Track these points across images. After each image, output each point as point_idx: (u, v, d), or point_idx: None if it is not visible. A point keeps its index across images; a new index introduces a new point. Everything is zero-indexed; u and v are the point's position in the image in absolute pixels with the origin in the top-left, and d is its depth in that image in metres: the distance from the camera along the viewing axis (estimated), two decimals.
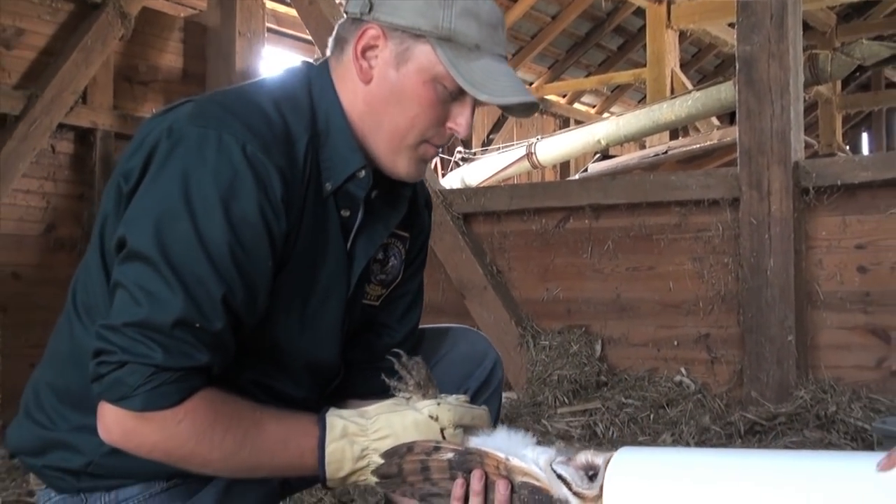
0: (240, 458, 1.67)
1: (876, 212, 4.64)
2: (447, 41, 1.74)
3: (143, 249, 1.59)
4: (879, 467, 1.42)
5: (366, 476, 1.70)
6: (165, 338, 1.56)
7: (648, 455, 1.65)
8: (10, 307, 5.81)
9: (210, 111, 1.70)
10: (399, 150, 1.82)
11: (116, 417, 1.59)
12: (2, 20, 5.87)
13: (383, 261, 1.99)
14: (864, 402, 4.34)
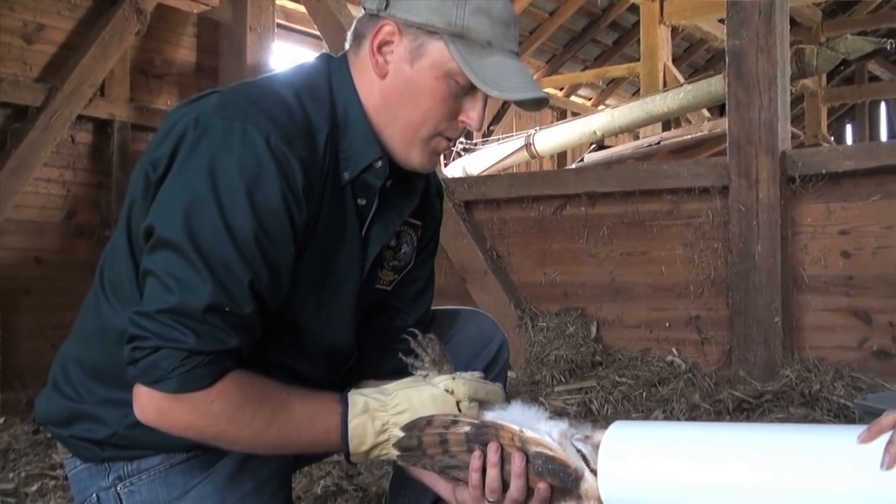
0: (268, 435, 1.68)
1: (859, 199, 4.64)
2: (460, 38, 1.73)
3: (172, 238, 1.60)
4: (860, 439, 1.44)
5: (387, 450, 1.71)
6: (197, 323, 1.58)
7: (640, 427, 1.67)
8: (32, 290, 5.84)
9: (235, 103, 1.70)
10: (413, 143, 1.81)
11: (152, 399, 1.61)
12: (23, 16, 5.88)
13: (396, 248, 1.98)
14: (847, 381, 4.35)
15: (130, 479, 1.80)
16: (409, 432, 1.68)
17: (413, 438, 1.67)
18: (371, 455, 1.73)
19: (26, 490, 3.39)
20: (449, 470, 1.69)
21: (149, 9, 6.41)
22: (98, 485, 1.83)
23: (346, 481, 3.36)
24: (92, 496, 1.84)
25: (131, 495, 1.80)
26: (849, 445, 1.43)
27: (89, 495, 1.84)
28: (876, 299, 4.59)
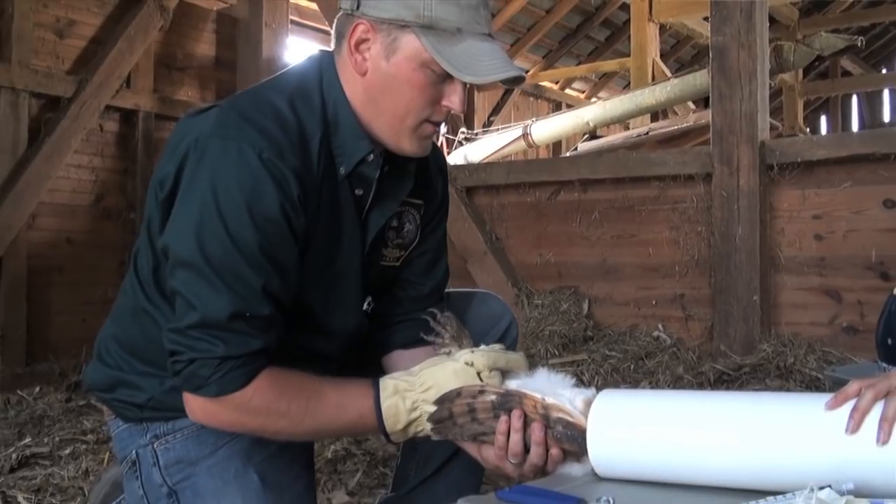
0: (306, 423, 1.72)
1: (831, 186, 4.64)
2: (430, 28, 1.69)
3: (187, 258, 1.64)
4: (828, 406, 1.46)
5: (422, 426, 1.73)
6: (223, 332, 1.63)
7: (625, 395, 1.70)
8: (64, 268, 5.87)
9: (230, 121, 1.70)
10: (401, 132, 1.79)
11: (198, 404, 1.68)
12: (56, 12, 5.90)
13: (398, 227, 1.98)
14: (818, 355, 4.37)
15: (166, 438, 1.85)
16: (440, 405, 1.70)
17: (444, 410, 1.69)
18: (408, 432, 1.75)
19: (60, 453, 3.42)
20: (478, 437, 1.71)
21: (171, 6, 6.42)
22: (137, 443, 1.87)
23: (354, 446, 3.38)
24: (132, 453, 1.88)
25: (166, 452, 1.84)
26: (818, 412, 1.45)
27: (129, 452, 1.89)
28: (845, 279, 4.60)
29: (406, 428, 1.73)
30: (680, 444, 1.51)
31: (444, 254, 2.16)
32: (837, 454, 1.40)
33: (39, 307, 5.68)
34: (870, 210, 4.55)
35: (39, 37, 5.79)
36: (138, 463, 1.87)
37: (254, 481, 1.81)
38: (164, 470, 1.84)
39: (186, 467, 1.83)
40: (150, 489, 1.85)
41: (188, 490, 1.82)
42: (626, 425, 1.57)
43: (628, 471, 1.56)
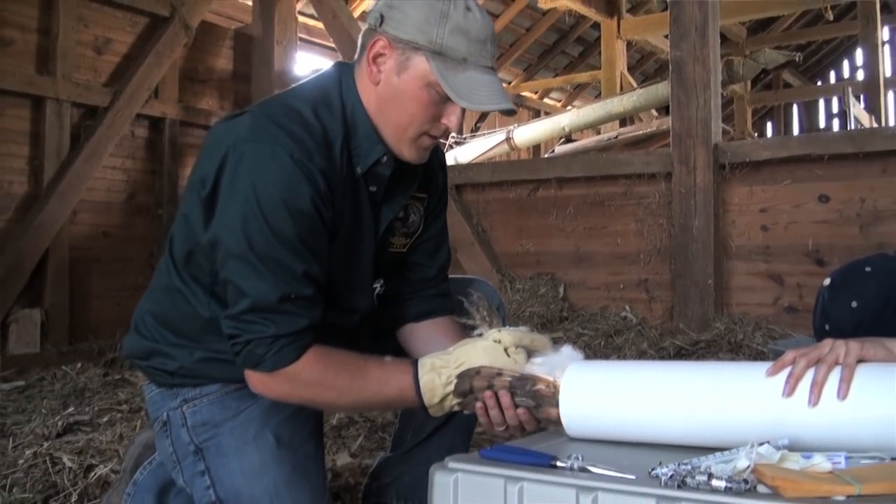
0: (351, 395, 1.75)
1: (775, 183, 4.67)
2: (439, 55, 1.70)
3: (235, 250, 1.67)
4: (768, 373, 1.48)
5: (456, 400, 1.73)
6: (274, 314, 1.66)
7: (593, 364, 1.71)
8: (101, 259, 5.87)
9: (262, 127, 1.71)
10: (402, 140, 1.80)
11: (256, 378, 1.72)
12: (95, 32, 5.90)
13: (404, 218, 1.98)
14: (764, 331, 4.40)
15: (193, 402, 1.86)
16: (461, 379, 1.69)
17: (466, 384, 1.68)
18: (445, 406, 1.74)
19: (99, 420, 3.42)
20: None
21: (194, 25, 6.40)
22: (168, 406, 1.89)
23: (356, 414, 3.41)
24: (163, 414, 1.90)
25: (194, 414, 1.86)
26: (759, 378, 1.47)
27: (161, 414, 1.91)
28: (787, 265, 4.63)
29: (442, 401, 1.73)
30: (640, 408, 1.53)
31: (446, 239, 2.15)
32: (775, 415, 1.41)
33: (80, 293, 5.69)
34: (807, 204, 4.58)
35: (80, 53, 5.79)
36: (169, 423, 1.89)
37: (270, 441, 1.82)
38: (192, 430, 1.86)
39: (211, 428, 1.85)
40: (179, 447, 1.87)
41: (212, 448, 1.84)
42: (591, 392, 1.58)
43: (595, 431, 1.58)
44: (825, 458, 1.29)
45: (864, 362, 1.45)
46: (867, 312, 1.86)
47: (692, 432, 1.48)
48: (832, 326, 1.90)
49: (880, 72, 9.74)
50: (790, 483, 1.16)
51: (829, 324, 1.92)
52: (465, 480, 1.37)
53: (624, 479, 1.27)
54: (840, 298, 1.92)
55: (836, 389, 1.40)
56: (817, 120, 17.35)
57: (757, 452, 1.28)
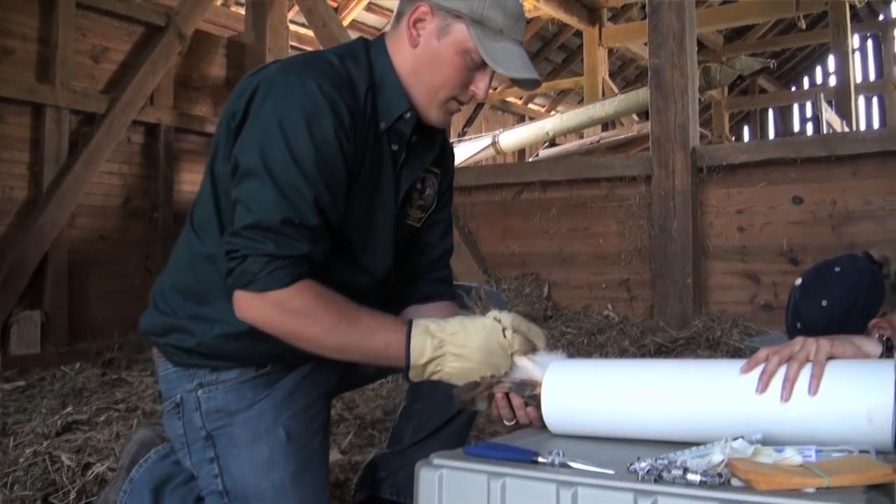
0: (336, 335, 1.69)
1: (750, 185, 4.69)
2: (479, 24, 1.76)
3: (251, 167, 1.65)
4: (741, 371, 1.49)
5: (441, 366, 1.70)
6: (274, 234, 1.62)
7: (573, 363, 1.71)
8: (99, 262, 5.84)
9: (293, 64, 1.74)
10: (432, 102, 1.83)
11: (245, 299, 1.66)
12: (93, 41, 5.89)
13: (421, 190, 1.99)
14: (741, 328, 4.41)
15: (209, 388, 1.83)
16: (462, 389, 1.68)
17: (466, 394, 1.67)
18: (427, 370, 1.71)
19: (96, 420, 3.41)
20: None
21: (189, 34, 6.37)
22: (183, 387, 1.85)
23: (347, 412, 3.39)
24: (177, 396, 1.87)
25: (209, 400, 1.83)
26: (733, 375, 1.48)
27: (174, 394, 1.87)
28: (763, 264, 4.65)
29: (426, 366, 1.70)
30: (619, 405, 1.53)
31: (452, 230, 2.16)
32: (749, 410, 1.42)
33: (79, 295, 5.65)
34: (782, 206, 4.60)
35: (78, 61, 5.77)
36: (182, 406, 1.86)
37: (280, 437, 1.81)
38: (205, 416, 1.83)
39: (225, 417, 1.82)
40: (190, 430, 1.85)
41: (224, 437, 1.82)
42: (572, 390, 1.59)
43: (576, 428, 1.58)
44: (796, 452, 1.30)
45: (834, 359, 1.46)
46: (836, 311, 1.88)
47: (670, 428, 1.49)
48: (803, 324, 1.91)
49: (851, 78, 9.79)
50: (762, 476, 1.17)
51: (800, 322, 1.94)
52: (449, 476, 1.37)
53: (603, 473, 1.27)
54: (811, 298, 1.94)
55: (807, 385, 1.41)
56: (792, 124, 17.43)
57: (731, 447, 1.29)
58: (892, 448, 1.37)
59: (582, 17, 10.32)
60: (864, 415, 1.36)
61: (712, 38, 12.27)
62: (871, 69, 15.95)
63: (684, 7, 4.85)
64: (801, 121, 17.36)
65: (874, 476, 1.20)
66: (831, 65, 11.22)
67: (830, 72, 13.56)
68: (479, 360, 1.68)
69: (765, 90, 15.59)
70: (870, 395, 1.37)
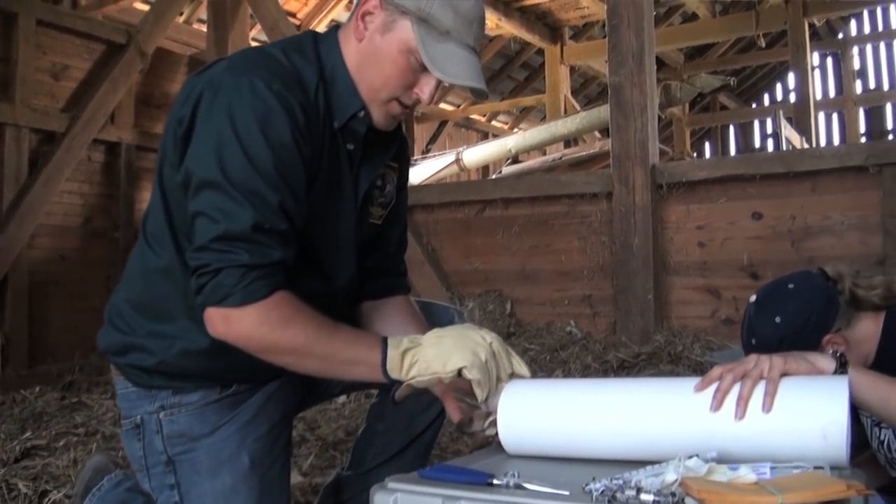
0: (318, 346, 1.63)
1: (710, 202, 4.72)
2: (424, 22, 1.66)
3: (209, 177, 1.58)
4: (696, 389, 1.49)
5: (417, 355, 1.62)
6: (247, 243, 1.56)
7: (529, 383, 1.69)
8: (59, 282, 5.78)
9: (239, 64, 1.67)
10: (373, 102, 1.75)
11: (221, 315, 1.59)
12: (52, 58, 5.84)
13: (381, 187, 1.93)
14: (702, 343, 4.42)
15: (171, 410, 1.78)
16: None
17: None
18: (405, 362, 1.62)
19: (55, 445, 3.36)
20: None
21: (150, 52, 6.33)
22: (144, 408, 1.79)
23: (308, 433, 3.36)
24: (137, 416, 1.81)
25: (171, 423, 1.77)
26: (688, 394, 1.48)
27: (134, 415, 1.81)
28: (723, 279, 4.68)
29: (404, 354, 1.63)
30: (575, 425, 1.53)
31: (407, 223, 2.12)
32: (704, 428, 1.43)
33: (38, 316, 5.58)
34: (741, 221, 4.64)
35: (38, 79, 5.72)
36: (143, 427, 1.80)
37: (244, 463, 1.77)
38: (167, 440, 1.78)
39: (188, 442, 1.77)
40: (151, 453, 1.79)
41: (186, 463, 1.77)
42: (528, 410, 1.58)
43: (533, 448, 1.58)
44: (751, 470, 1.29)
45: (787, 376, 1.46)
46: (789, 328, 1.89)
47: (626, 447, 1.49)
48: (758, 341, 1.92)
49: (810, 95, 9.93)
50: (715, 495, 1.17)
51: (755, 338, 1.94)
52: (403, 500, 1.35)
53: (558, 495, 1.27)
54: (765, 314, 1.94)
55: (761, 403, 1.41)
56: (752, 140, 17.63)
57: (685, 466, 1.29)
58: (846, 464, 1.37)
59: (544, 35, 10.39)
60: (819, 431, 1.37)
61: (673, 57, 12.41)
62: (830, 86, 16.20)
63: (643, 26, 4.89)
64: (761, 137, 17.56)
65: (828, 493, 1.20)
66: (791, 82, 11.34)
67: (790, 89, 13.73)
68: (455, 343, 1.62)
69: (725, 107, 15.77)
70: (824, 412, 1.38)
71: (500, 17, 9.49)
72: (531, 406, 1.59)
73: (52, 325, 5.66)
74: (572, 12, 10.07)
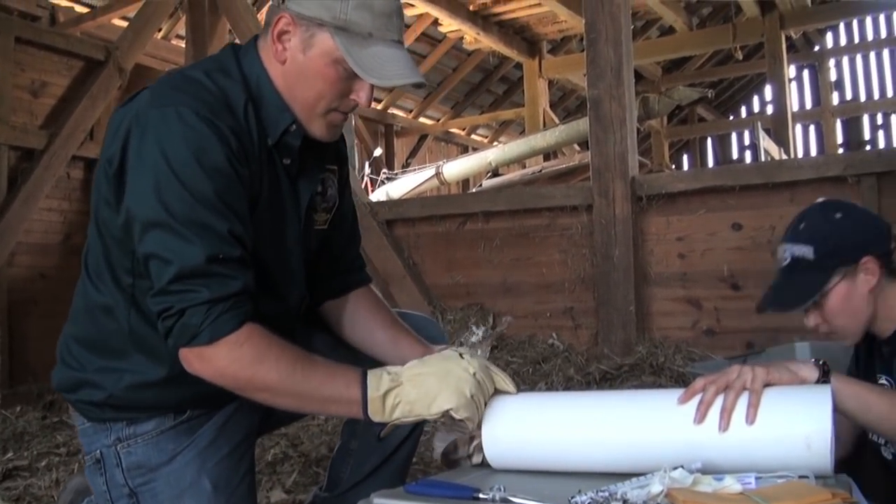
0: (293, 381, 1.59)
1: (689, 213, 4.72)
2: (343, 30, 1.62)
3: (153, 218, 1.54)
4: (679, 401, 1.50)
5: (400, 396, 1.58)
6: (204, 277, 1.53)
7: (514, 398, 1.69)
8: (39, 301, 5.73)
9: (163, 93, 1.63)
10: (311, 118, 1.72)
11: (193, 354, 1.56)
12: (31, 75, 5.83)
13: (323, 192, 1.90)
14: (684, 354, 4.42)
15: (128, 442, 1.76)
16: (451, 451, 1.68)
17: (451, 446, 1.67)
18: (387, 403, 1.59)
19: (37, 465, 3.33)
20: None
21: (129, 68, 6.30)
22: (101, 442, 1.78)
23: (291, 449, 3.35)
24: (96, 451, 1.79)
25: (128, 455, 1.76)
26: (671, 406, 1.49)
27: (94, 450, 1.80)
28: (704, 290, 4.68)
29: (385, 396, 1.58)
30: (559, 438, 1.53)
31: (357, 218, 2.10)
32: (689, 440, 1.44)
33: (18, 335, 5.54)
34: (721, 232, 4.65)
35: (17, 96, 5.70)
36: (103, 462, 1.79)
37: (206, 489, 1.75)
38: (127, 472, 1.76)
39: (147, 472, 1.75)
40: (113, 487, 1.78)
41: (147, 494, 1.75)
42: (512, 424, 1.58)
43: (517, 462, 1.58)
44: (736, 480, 1.30)
45: (770, 386, 1.47)
46: (843, 229, 1.89)
47: (611, 459, 1.50)
48: (806, 226, 1.93)
49: (788, 107, 10.00)
50: None
51: (804, 223, 1.94)
52: None
53: None
54: (827, 210, 1.95)
55: (744, 414, 1.42)
56: (730, 151, 17.73)
57: (670, 477, 1.29)
58: (830, 473, 1.38)
59: (522, 49, 10.43)
60: (803, 441, 1.37)
61: (651, 70, 12.48)
62: (807, 98, 16.34)
63: (621, 40, 4.90)
64: (739, 149, 17.67)
65: (813, 501, 1.21)
66: (768, 94, 11.43)
67: (767, 101, 13.83)
68: (438, 382, 1.58)
69: (703, 119, 15.88)
70: (808, 422, 1.39)
71: (479, 31, 9.53)
72: (515, 420, 1.59)
73: (32, 343, 5.60)
74: (550, 26, 10.11)
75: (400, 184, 9.30)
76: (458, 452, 1.66)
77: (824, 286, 1.86)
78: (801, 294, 1.88)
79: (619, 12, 4.92)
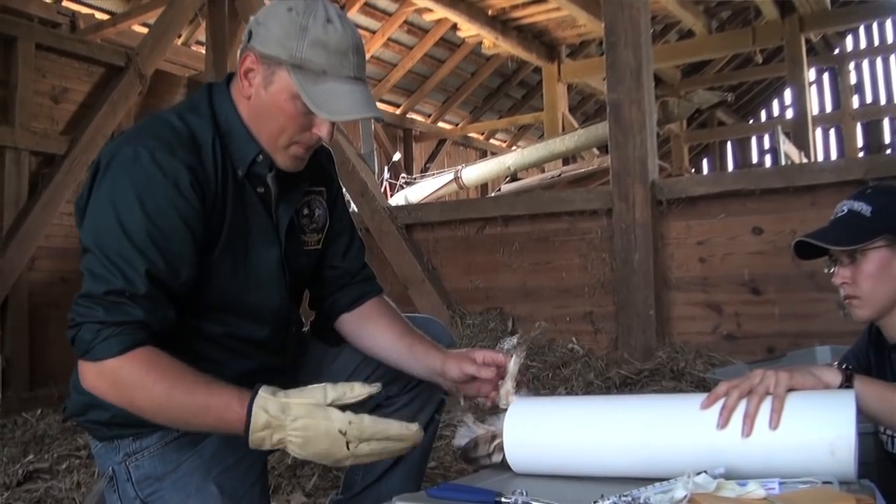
0: (170, 409, 1.63)
1: (710, 217, 4.71)
2: (299, 68, 1.71)
3: (86, 243, 1.67)
4: (702, 406, 1.49)
5: (284, 443, 1.59)
6: (103, 302, 1.61)
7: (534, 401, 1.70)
8: (60, 305, 5.74)
9: (134, 133, 1.75)
10: (275, 150, 1.81)
11: (84, 368, 1.64)
12: (52, 81, 5.87)
13: (309, 214, 1.99)
14: (704, 359, 4.39)
15: (135, 456, 1.82)
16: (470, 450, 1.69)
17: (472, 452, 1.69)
18: (265, 442, 1.60)
19: (58, 468, 3.35)
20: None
21: (149, 74, 6.36)
22: (112, 460, 1.84)
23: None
24: (109, 469, 1.86)
25: (137, 469, 1.82)
26: (694, 411, 1.49)
27: (107, 469, 1.87)
28: (724, 294, 4.66)
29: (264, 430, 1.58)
30: (581, 443, 1.53)
31: (357, 234, 2.15)
32: (712, 445, 1.43)
33: (40, 339, 5.57)
34: (742, 236, 4.63)
35: (38, 102, 5.75)
36: (115, 478, 1.85)
37: (213, 493, 1.78)
38: (137, 485, 1.82)
39: (155, 482, 1.81)
40: (126, 501, 1.83)
41: (157, 502, 1.80)
42: (534, 428, 1.58)
43: (539, 467, 1.58)
44: (759, 486, 1.30)
45: (793, 391, 1.46)
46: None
47: (634, 464, 1.49)
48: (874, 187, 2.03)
49: (808, 110, 9.95)
50: None
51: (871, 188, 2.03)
52: None
53: None
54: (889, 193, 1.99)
55: (767, 419, 1.41)
56: (750, 156, 17.66)
57: (693, 482, 1.29)
58: (854, 479, 1.37)
59: (541, 53, 10.44)
60: (827, 447, 1.37)
61: (670, 73, 12.46)
62: (827, 101, 16.26)
63: (640, 44, 4.90)
64: (759, 153, 17.60)
65: None
66: (788, 97, 11.39)
67: (787, 104, 13.78)
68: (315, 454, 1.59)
69: (723, 123, 15.82)
70: (831, 427, 1.38)
71: (498, 35, 9.54)
72: (537, 424, 1.59)
73: (53, 347, 5.63)
74: (569, 31, 10.12)
75: (419, 188, 9.31)
76: (479, 451, 1.67)
77: (869, 241, 1.89)
78: (845, 236, 1.92)
79: (638, 16, 4.91)
